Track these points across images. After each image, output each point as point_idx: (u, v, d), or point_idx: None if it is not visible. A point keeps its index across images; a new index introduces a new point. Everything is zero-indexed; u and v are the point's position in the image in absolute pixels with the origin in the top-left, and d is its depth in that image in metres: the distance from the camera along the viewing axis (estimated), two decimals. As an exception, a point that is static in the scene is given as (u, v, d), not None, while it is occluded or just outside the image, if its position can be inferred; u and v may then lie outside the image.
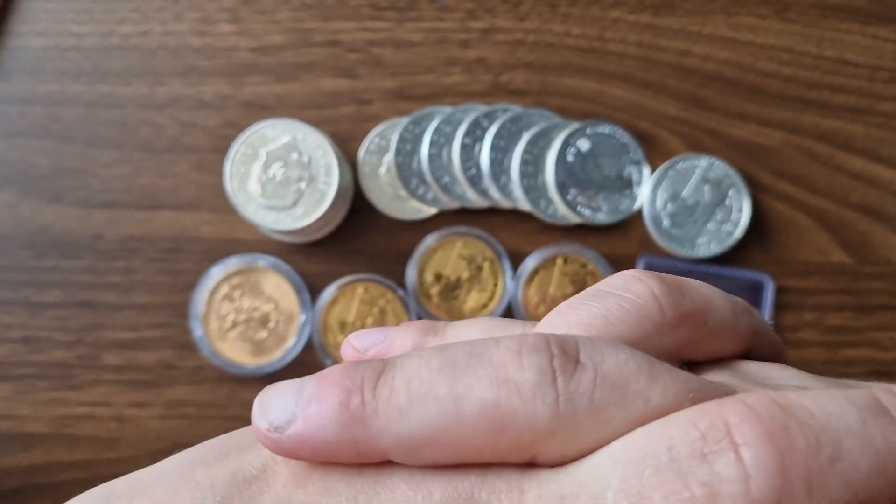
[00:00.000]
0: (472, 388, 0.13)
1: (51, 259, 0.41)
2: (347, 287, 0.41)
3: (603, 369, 0.13)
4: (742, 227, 0.41)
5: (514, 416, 0.12)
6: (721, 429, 0.12)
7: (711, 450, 0.12)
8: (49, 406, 0.41)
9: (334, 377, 0.13)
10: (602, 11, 0.42)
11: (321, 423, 0.13)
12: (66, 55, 0.42)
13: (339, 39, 0.42)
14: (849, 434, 0.12)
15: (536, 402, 0.12)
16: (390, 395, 0.13)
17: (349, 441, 0.13)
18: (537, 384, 0.13)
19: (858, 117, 0.42)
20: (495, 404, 0.12)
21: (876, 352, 0.42)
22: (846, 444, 0.11)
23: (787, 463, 0.11)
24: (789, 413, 0.12)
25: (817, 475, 0.11)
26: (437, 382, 0.13)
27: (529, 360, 0.13)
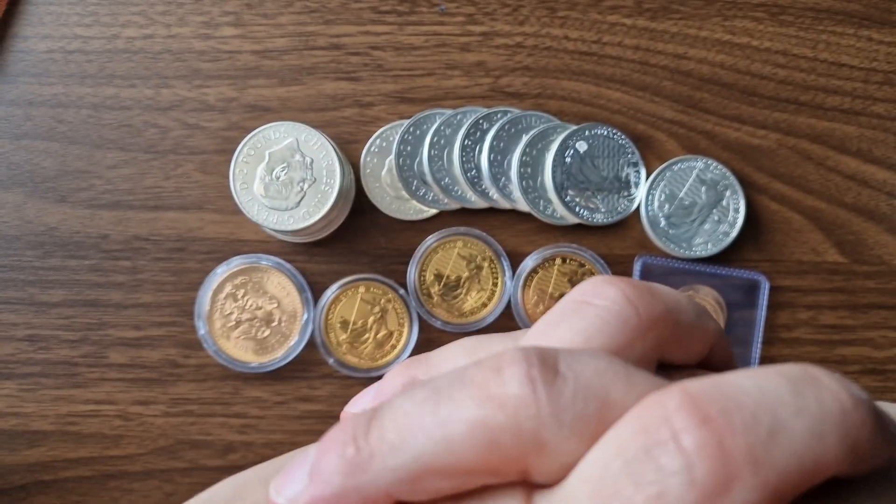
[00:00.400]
0: (456, 411, 0.13)
1: (56, 259, 0.42)
2: (349, 286, 0.41)
3: (583, 379, 0.13)
4: (738, 227, 0.41)
5: (501, 431, 0.13)
6: (661, 419, 0.12)
7: (655, 442, 0.12)
8: (54, 404, 0.41)
9: (331, 435, 0.14)
10: (600, 15, 0.42)
11: (326, 479, 0.13)
12: (71, 58, 0.42)
13: (341, 43, 0.42)
14: (784, 405, 0.12)
15: (520, 413, 0.13)
16: (382, 436, 0.13)
17: (353, 489, 0.13)
18: (519, 396, 0.13)
19: (852, 119, 0.42)
20: (481, 422, 0.13)
21: (870, 350, 0.42)
22: (782, 415, 0.12)
23: (727, 444, 0.11)
24: (725, 393, 0.12)
25: (760, 450, 0.11)
26: (422, 413, 0.13)
27: (510, 372, 0.13)
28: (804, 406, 0.12)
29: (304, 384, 0.41)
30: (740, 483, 0.11)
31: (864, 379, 0.42)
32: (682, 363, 0.16)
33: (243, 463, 0.41)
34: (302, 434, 0.41)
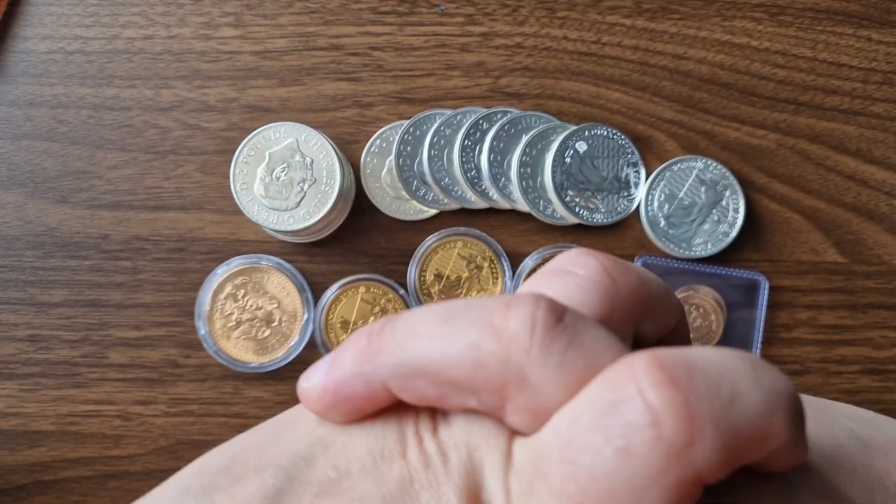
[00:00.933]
0: (458, 330, 0.14)
1: (57, 259, 0.42)
2: (349, 286, 0.41)
3: (580, 336, 0.14)
4: (737, 227, 0.41)
5: (490, 356, 0.14)
6: (629, 378, 0.12)
7: (623, 398, 0.12)
8: (54, 404, 0.41)
9: (353, 335, 0.16)
10: (599, 16, 0.42)
11: (340, 366, 0.15)
12: (72, 58, 0.42)
13: (340, 44, 0.42)
14: (742, 379, 0.12)
15: (512, 347, 0.13)
16: (392, 335, 0.15)
17: (359, 375, 0.15)
18: (516, 331, 0.14)
19: (852, 119, 0.42)
20: (476, 345, 0.14)
21: (870, 350, 0.42)
22: (741, 387, 0.12)
23: (692, 403, 0.12)
24: (691, 360, 0.12)
25: (721, 412, 0.12)
26: (432, 324, 0.14)
27: (516, 310, 0.14)
28: (760, 382, 0.13)
29: (305, 384, 0.41)
30: (702, 440, 0.12)
31: (864, 379, 0.42)
32: (653, 339, 0.17)
33: (243, 463, 0.41)
34: (302, 434, 0.41)
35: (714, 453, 0.12)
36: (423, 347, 0.14)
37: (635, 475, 0.12)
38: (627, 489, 0.12)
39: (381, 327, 0.15)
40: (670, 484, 0.12)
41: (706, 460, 0.12)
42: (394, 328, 0.15)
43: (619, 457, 0.12)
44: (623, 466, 0.12)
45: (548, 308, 0.14)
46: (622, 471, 0.12)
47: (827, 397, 0.42)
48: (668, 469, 0.12)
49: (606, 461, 0.12)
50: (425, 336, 0.14)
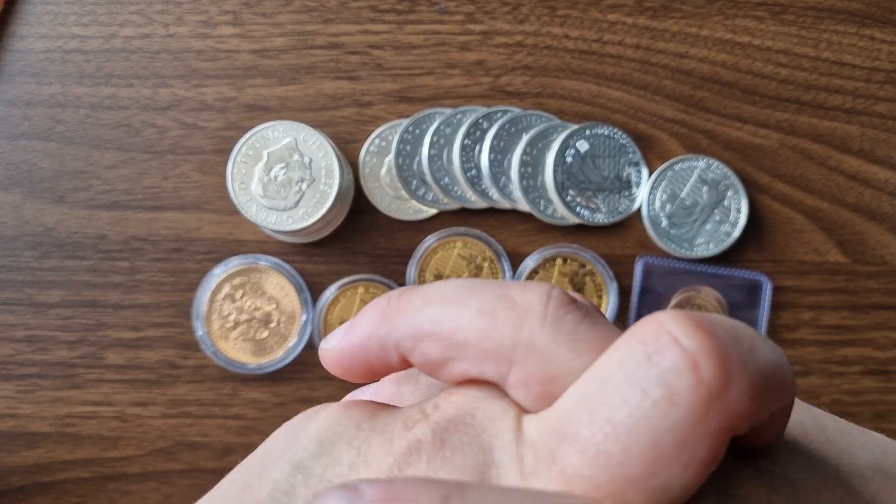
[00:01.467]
0: (477, 297, 0.14)
1: (54, 259, 0.42)
2: (348, 287, 0.41)
3: (594, 315, 0.14)
4: (740, 227, 0.41)
5: (503, 321, 0.14)
6: (658, 330, 0.12)
7: (655, 349, 0.12)
8: (52, 405, 0.41)
9: (374, 300, 0.16)
10: (600, 14, 0.42)
11: (358, 328, 0.16)
12: (69, 57, 0.42)
13: (339, 42, 0.42)
14: (753, 335, 0.13)
15: (527, 315, 0.14)
16: (410, 299, 0.15)
17: (375, 336, 0.16)
18: (532, 302, 0.14)
19: (854, 118, 0.42)
20: (491, 311, 0.14)
21: (872, 350, 0.42)
22: (754, 339, 0.13)
23: (725, 347, 0.12)
24: (709, 316, 0.13)
25: (746, 357, 0.12)
26: (451, 291, 0.15)
27: (534, 290, 0.14)
28: (768, 342, 0.13)
29: (303, 385, 0.41)
30: (735, 384, 0.12)
31: (866, 380, 0.42)
32: None
33: (242, 464, 0.41)
34: (301, 435, 0.41)
35: (746, 396, 0.12)
36: (438, 310, 0.15)
37: (678, 423, 0.12)
38: (670, 439, 0.12)
39: (400, 293, 0.16)
40: (711, 431, 0.12)
41: (739, 404, 0.12)
42: (413, 293, 0.15)
43: (661, 405, 0.12)
44: (666, 415, 0.12)
45: (563, 291, 0.14)
46: (665, 420, 0.12)
47: (829, 398, 0.42)
48: (708, 414, 0.12)
49: (647, 412, 0.12)
50: (441, 301, 0.15)
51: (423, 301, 0.15)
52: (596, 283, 0.41)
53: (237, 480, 0.15)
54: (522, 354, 0.14)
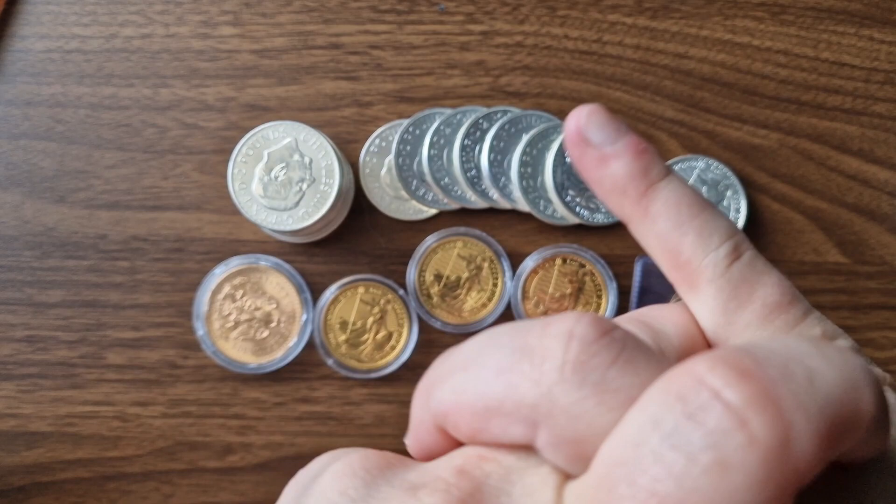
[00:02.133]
0: (495, 356, 0.13)
1: (55, 259, 0.42)
2: (348, 287, 0.41)
3: (631, 352, 0.12)
4: (739, 227, 0.41)
5: (521, 378, 0.12)
6: (696, 382, 0.11)
7: (696, 407, 0.11)
8: (52, 405, 0.41)
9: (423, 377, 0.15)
10: (600, 14, 0.42)
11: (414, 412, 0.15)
12: (70, 57, 0.42)
13: (340, 42, 0.42)
14: (811, 357, 0.11)
15: (544, 366, 0.12)
16: (440, 367, 0.14)
17: (422, 420, 0.14)
18: (551, 349, 0.12)
19: (854, 118, 0.42)
20: (509, 368, 0.12)
21: (872, 351, 0.42)
22: (814, 365, 0.11)
23: (773, 393, 0.10)
24: (754, 351, 0.11)
25: (804, 396, 0.10)
26: (471, 354, 0.13)
27: (554, 330, 0.12)
28: (831, 357, 0.11)
29: (304, 385, 0.41)
30: (796, 432, 0.10)
31: None
32: None
33: (242, 464, 0.41)
34: (301, 435, 0.41)
35: (811, 445, 0.10)
36: (458, 379, 0.13)
37: (735, 490, 0.10)
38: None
39: (439, 360, 0.14)
40: (774, 492, 0.10)
41: (805, 454, 0.10)
42: (442, 361, 0.14)
43: (712, 473, 0.10)
44: (720, 483, 0.10)
45: (590, 322, 0.12)
46: (720, 489, 0.10)
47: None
48: (770, 476, 0.10)
49: (697, 481, 0.10)
50: (461, 367, 0.13)
51: (448, 369, 0.14)
52: (595, 283, 0.41)
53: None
54: (544, 414, 0.12)
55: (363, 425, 0.41)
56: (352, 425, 0.41)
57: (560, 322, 0.12)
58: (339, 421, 0.41)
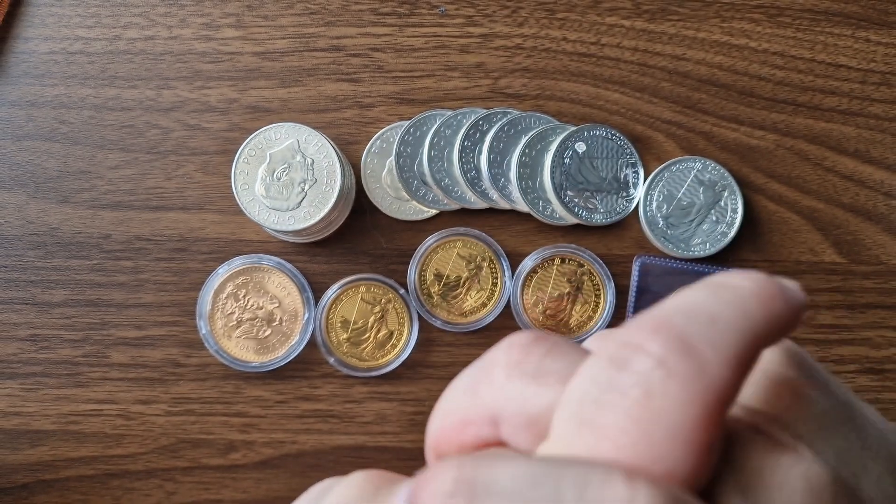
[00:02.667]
0: (463, 381, 0.16)
1: (58, 259, 0.42)
2: (350, 286, 0.41)
3: (561, 346, 0.15)
4: (736, 227, 0.41)
5: (479, 386, 0.15)
6: (621, 345, 0.13)
7: (624, 360, 0.13)
8: (56, 403, 0.41)
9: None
10: (598, 17, 0.42)
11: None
12: (73, 59, 0.42)
13: (341, 45, 0.42)
14: (710, 303, 0.14)
15: (493, 373, 0.15)
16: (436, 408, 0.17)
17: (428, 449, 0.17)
18: (496, 360, 0.15)
19: (850, 119, 0.42)
20: (473, 385, 0.15)
21: (868, 350, 0.42)
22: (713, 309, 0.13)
23: (685, 335, 0.13)
24: (659, 313, 0.14)
25: (710, 333, 0.13)
26: (450, 391, 0.16)
27: (498, 346, 0.15)
28: (725, 299, 0.14)
29: (305, 383, 0.41)
30: (708, 363, 0.13)
31: (861, 378, 0.42)
32: None
33: (244, 462, 0.41)
34: (303, 433, 0.41)
35: (725, 370, 0.13)
36: (439, 408, 0.16)
37: (663, 411, 0.13)
38: (659, 430, 0.13)
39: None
40: (698, 413, 0.13)
41: (721, 379, 0.13)
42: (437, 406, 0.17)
43: (642, 401, 0.13)
44: (649, 407, 0.13)
45: (527, 333, 0.15)
46: (650, 410, 0.13)
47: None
48: (692, 397, 0.13)
49: (631, 410, 0.13)
50: (443, 402, 0.16)
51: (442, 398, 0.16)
52: (594, 283, 0.42)
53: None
54: (501, 408, 0.15)
55: (364, 423, 0.41)
56: (353, 423, 0.41)
57: (504, 340, 0.15)
58: (340, 419, 0.41)
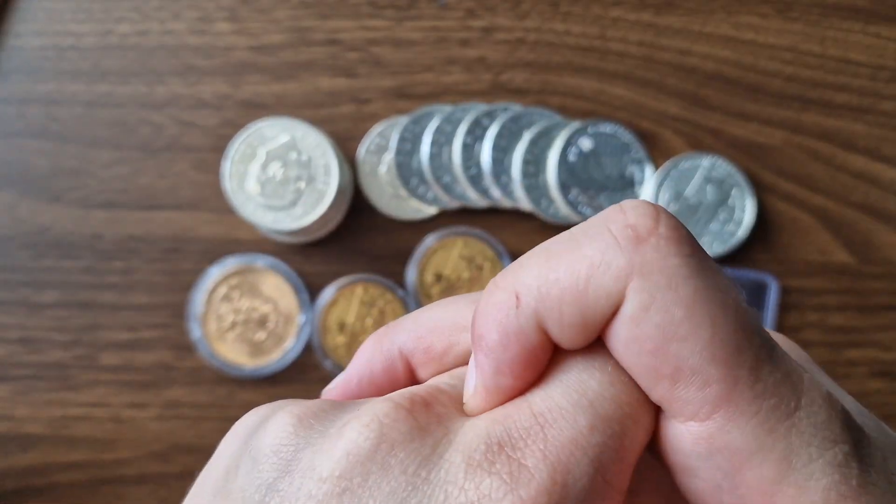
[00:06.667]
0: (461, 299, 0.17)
1: (49, 259, 0.41)
2: (347, 287, 0.41)
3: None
4: (745, 226, 0.41)
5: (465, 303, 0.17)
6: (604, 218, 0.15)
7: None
8: (47, 407, 0.41)
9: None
10: (603, 10, 0.42)
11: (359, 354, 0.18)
12: (65, 55, 0.42)
13: (338, 38, 0.42)
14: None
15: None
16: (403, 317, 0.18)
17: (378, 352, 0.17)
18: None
19: (860, 116, 0.42)
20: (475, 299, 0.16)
21: (879, 352, 0.41)
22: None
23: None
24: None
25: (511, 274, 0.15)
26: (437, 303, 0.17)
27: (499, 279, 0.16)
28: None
29: (301, 388, 0.41)
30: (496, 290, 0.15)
31: (872, 382, 0.42)
32: None
33: (239, 467, 0.41)
34: (299, 438, 0.41)
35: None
36: (433, 311, 0.17)
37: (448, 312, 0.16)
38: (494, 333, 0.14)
39: (387, 325, 0.18)
40: (498, 312, 0.14)
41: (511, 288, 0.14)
42: (405, 316, 0.17)
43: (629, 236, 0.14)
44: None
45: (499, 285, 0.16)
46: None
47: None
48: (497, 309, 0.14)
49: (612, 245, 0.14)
50: (430, 308, 0.17)
51: (416, 313, 0.17)
52: (598, 284, 0.41)
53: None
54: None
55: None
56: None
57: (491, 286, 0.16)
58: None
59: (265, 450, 0.14)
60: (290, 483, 0.14)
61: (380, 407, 0.14)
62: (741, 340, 0.13)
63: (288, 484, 0.14)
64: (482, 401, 0.14)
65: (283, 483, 0.14)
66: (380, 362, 0.17)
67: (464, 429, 0.14)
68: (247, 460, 0.15)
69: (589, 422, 0.13)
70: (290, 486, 0.14)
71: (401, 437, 0.13)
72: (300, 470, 0.14)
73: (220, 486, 0.15)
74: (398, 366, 0.17)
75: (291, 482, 0.14)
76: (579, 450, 0.13)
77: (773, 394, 0.13)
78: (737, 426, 0.13)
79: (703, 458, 0.13)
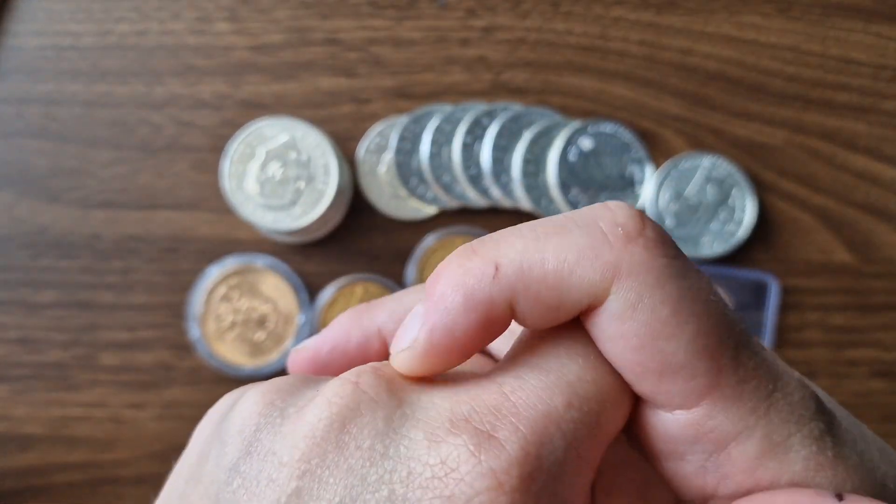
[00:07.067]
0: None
1: (48, 259, 0.41)
2: (346, 287, 0.41)
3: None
4: (745, 226, 0.41)
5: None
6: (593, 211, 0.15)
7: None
8: (46, 407, 0.41)
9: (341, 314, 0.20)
10: (604, 10, 0.42)
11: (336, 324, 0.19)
12: (64, 54, 0.42)
13: (337, 38, 0.42)
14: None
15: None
16: (385, 297, 0.19)
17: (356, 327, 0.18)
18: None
19: (862, 116, 0.42)
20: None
21: (880, 352, 0.41)
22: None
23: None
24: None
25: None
26: (418, 288, 0.18)
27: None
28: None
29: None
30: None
31: (873, 382, 0.41)
32: None
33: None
34: (298, 438, 0.41)
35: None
36: (416, 294, 0.18)
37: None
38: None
39: (369, 302, 0.18)
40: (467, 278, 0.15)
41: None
42: (387, 296, 0.18)
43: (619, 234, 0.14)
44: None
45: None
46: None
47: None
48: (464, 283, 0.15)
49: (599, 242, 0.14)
50: (413, 291, 0.18)
51: (398, 294, 0.18)
52: (599, 284, 0.41)
53: (176, 490, 0.15)
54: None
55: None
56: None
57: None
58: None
59: (231, 430, 0.14)
60: (251, 465, 0.14)
61: (332, 387, 0.14)
62: (722, 332, 0.14)
63: (249, 466, 0.14)
64: (418, 356, 0.14)
65: (244, 464, 0.14)
66: (356, 337, 0.17)
67: (422, 403, 0.14)
68: (217, 444, 0.15)
69: (566, 399, 0.13)
70: (251, 468, 0.14)
71: (351, 414, 0.13)
72: (260, 452, 0.14)
73: (194, 472, 0.15)
74: (374, 344, 0.17)
75: (252, 464, 0.14)
76: (553, 424, 0.13)
77: (752, 377, 0.14)
78: (722, 410, 0.13)
79: (689, 442, 0.14)
